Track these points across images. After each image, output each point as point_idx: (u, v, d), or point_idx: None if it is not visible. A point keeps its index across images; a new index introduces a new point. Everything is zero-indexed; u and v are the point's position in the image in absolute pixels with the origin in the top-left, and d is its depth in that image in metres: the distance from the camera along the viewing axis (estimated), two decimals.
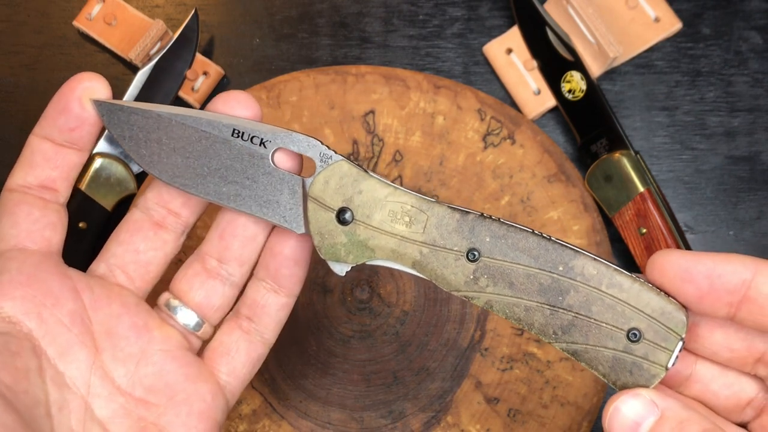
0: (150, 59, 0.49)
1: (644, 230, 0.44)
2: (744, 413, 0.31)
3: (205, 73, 0.50)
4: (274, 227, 0.36)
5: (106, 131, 0.48)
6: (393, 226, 0.31)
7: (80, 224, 0.47)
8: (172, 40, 0.49)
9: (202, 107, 0.50)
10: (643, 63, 0.49)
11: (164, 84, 0.49)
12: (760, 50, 0.49)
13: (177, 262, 0.36)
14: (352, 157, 0.48)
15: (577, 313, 0.30)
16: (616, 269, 0.30)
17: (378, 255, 0.32)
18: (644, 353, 0.29)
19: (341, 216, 0.32)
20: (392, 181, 0.47)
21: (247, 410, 0.45)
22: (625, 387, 0.30)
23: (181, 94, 0.50)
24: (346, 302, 0.47)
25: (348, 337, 0.46)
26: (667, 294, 0.29)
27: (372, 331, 0.46)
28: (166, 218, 0.35)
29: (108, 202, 0.48)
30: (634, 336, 0.29)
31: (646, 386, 0.29)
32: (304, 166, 0.34)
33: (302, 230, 0.33)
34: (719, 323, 0.30)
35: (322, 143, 0.32)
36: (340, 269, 0.33)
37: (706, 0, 0.50)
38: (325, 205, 0.32)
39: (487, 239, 0.30)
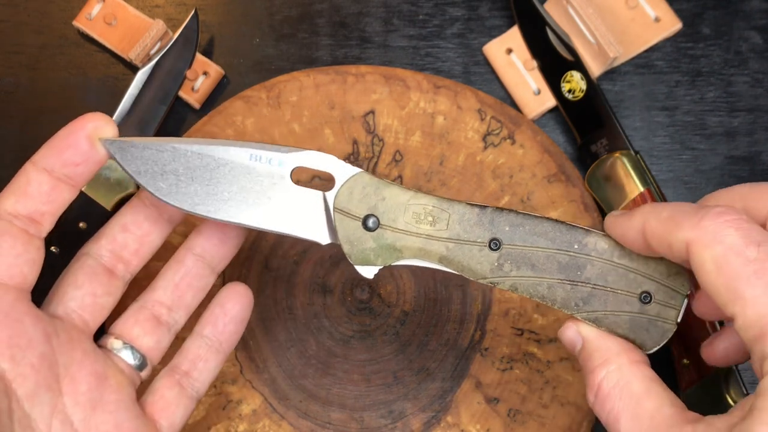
0: (150, 59, 0.49)
1: None
2: None
3: (205, 73, 0.50)
4: (224, 278, 0.38)
5: None
6: (418, 227, 0.34)
7: (80, 224, 0.47)
8: (172, 40, 0.49)
9: (203, 107, 0.50)
10: (643, 63, 0.49)
11: (164, 84, 0.49)
12: (760, 50, 0.49)
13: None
14: (352, 157, 0.48)
15: (594, 285, 0.33)
16: None
17: (405, 255, 0.34)
18: (656, 312, 0.33)
19: (367, 223, 0.34)
20: (392, 181, 0.48)
21: (247, 410, 0.45)
22: (644, 345, 0.33)
23: (181, 94, 0.50)
24: (346, 302, 0.47)
25: (348, 337, 0.46)
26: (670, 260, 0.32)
27: (372, 331, 0.46)
28: (116, 266, 0.36)
29: (108, 202, 0.48)
30: (646, 298, 0.33)
31: (660, 342, 0.33)
32: (320, 180, 0.35)
33: (327, 241, 0.35)
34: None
35: (338, 159, 0.34)
36: (369, 272, 0.34)
37: (706, 0, 0.50)
38: (351, 215, 0.34)
39: (507, 228, 0.33)
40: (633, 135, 0.49)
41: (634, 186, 0.45)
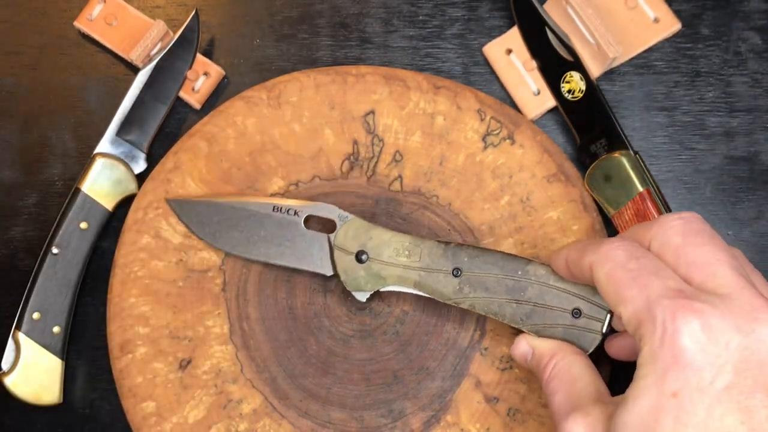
0: (151, 60, 0.49)
1: None
2: None
3: (205, 74, 0.50)
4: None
5: (107, 133, 0.49)
6: (397, 259, 0.42)
7: (81, 224, 0.47)
8: (173, 41, 0.49)
9: (203, 107, 0.50)
10: (642, 63, 0.49)
11: (165, 84, 0.49)
12: (759, 51, 0.49)
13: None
14: (353, 157, 0.48)
15: (535, 303, 0.40)
16: None
17: (389, 281, 0.43)
18: (585, 325, 0.40)
19: (359, 257, 0.43)
20: (392, 181, 0.48)
21: (248, 409, 0.46)
22: None
23: (182, 94, 0.50)
24: (346, 302, 0.47)
25: (348, 337, 0.46)
26: None
27: (372, 330, 0.46)
28: None
29: (109, 202, 0.48)
30: (576, 314, 0.40)
31: (589, 349, 0.40)
32: (325, 226, 0.44)
33: (331, 272, 0.44)
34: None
35: (338, 208, 0.43)
36: (362, 296, 0.43)
37: (705, 0, 0.50)
38: (347, 251, 0.43)
39: (466, 259, 0.41)
40: (632, 135, 0.49)
41: (634, 186, 0.45)
